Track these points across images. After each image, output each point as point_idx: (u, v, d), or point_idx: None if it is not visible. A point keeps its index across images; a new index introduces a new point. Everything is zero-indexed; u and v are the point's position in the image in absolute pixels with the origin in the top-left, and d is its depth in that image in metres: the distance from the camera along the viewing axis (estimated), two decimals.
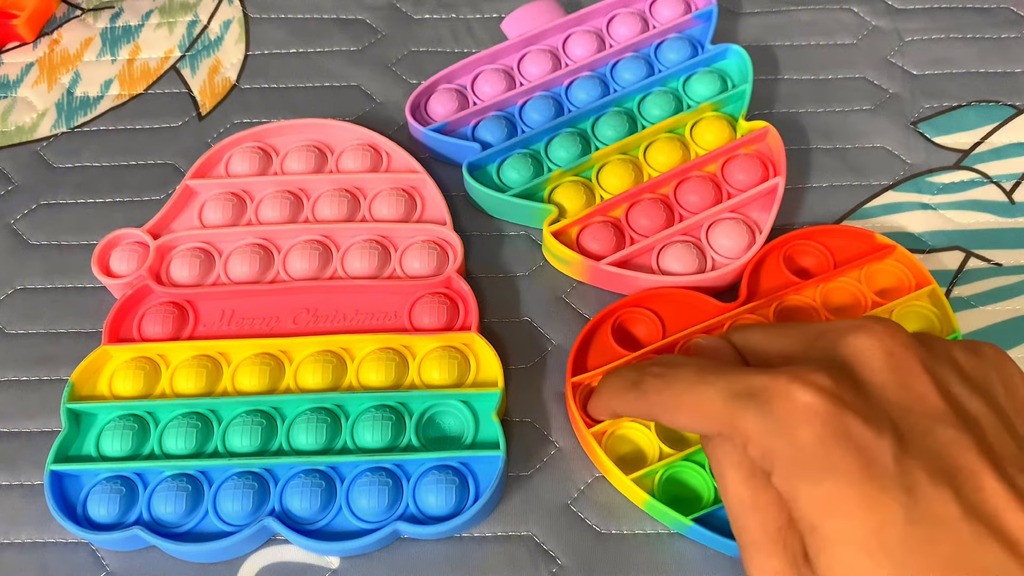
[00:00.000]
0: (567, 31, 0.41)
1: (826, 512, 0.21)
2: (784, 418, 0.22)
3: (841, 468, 0.21)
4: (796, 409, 0.22)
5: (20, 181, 0.39)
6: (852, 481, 0.21)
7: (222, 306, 0.35)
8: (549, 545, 0.31)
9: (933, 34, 0.43)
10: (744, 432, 0.23)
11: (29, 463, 0.32)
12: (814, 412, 0.22)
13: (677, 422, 0.25)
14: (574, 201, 0.36)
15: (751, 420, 0.22)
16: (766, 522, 0.23)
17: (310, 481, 0.30)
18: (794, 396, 0.22)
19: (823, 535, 0.21)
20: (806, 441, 0.21)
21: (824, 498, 0.21)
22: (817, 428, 0.21)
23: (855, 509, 0.21)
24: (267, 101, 0.42)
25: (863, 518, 0.21)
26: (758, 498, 0.24)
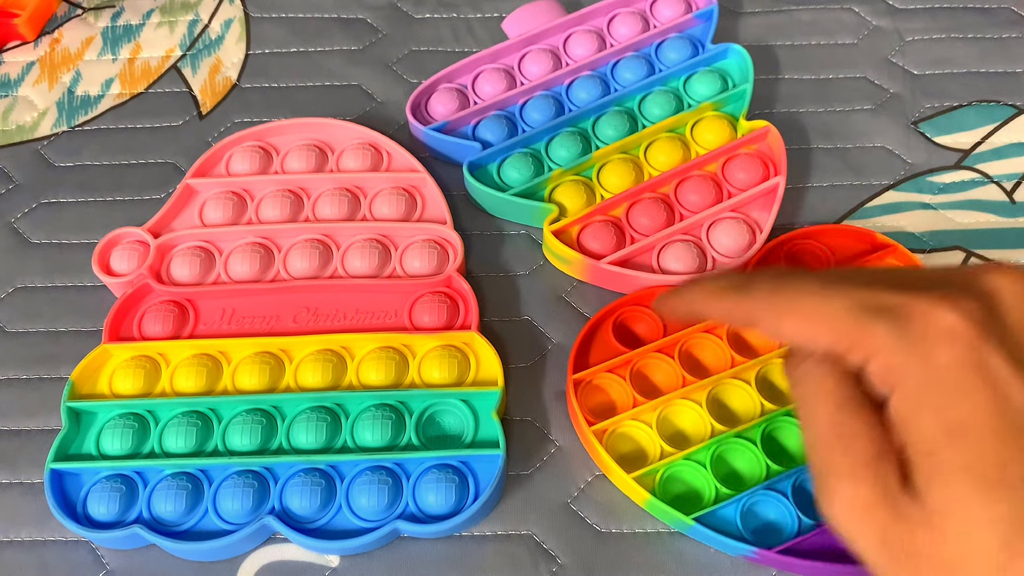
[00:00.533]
0: (568, 31, 0.41)
1: (950, 439, 0.20)
2: (922, 336, 0.21)
3: (974, 396, 0.20)
4: (938, 329, 0.21)
5: (21, 180, 0.39)
6: (982, 412, 0.20)
7: (222, 305, 0.35)
8: (549, 544, 0.31)
9: (934, 34, 0.43)
10: (872, 345, 0.22)
11: (29, 461, 0.32)
12: (957, 336, 0.21)
13: (784, 328, 0.24)
14: (574, 200, 0.36)
15: (883, 333, 0.21)
16: (855, 450, 0.22)
17: (310, 480, 0.30)
18: (937, 316, 0.21)
19: (941, 461, 0.20)
20: (943, 363, 0.21)
21: (950, 424, 0.20)
22: (957, 352, 0.21)
23: (982, 440, 0.20)
24: (268, 100, 0.42)
25: (988, 450, 0.20)
26: (849, 425, 0.22)
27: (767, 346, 0.33)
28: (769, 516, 0.30)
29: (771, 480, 0.30)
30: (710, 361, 0.33)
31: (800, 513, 0.30)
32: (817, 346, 0.23)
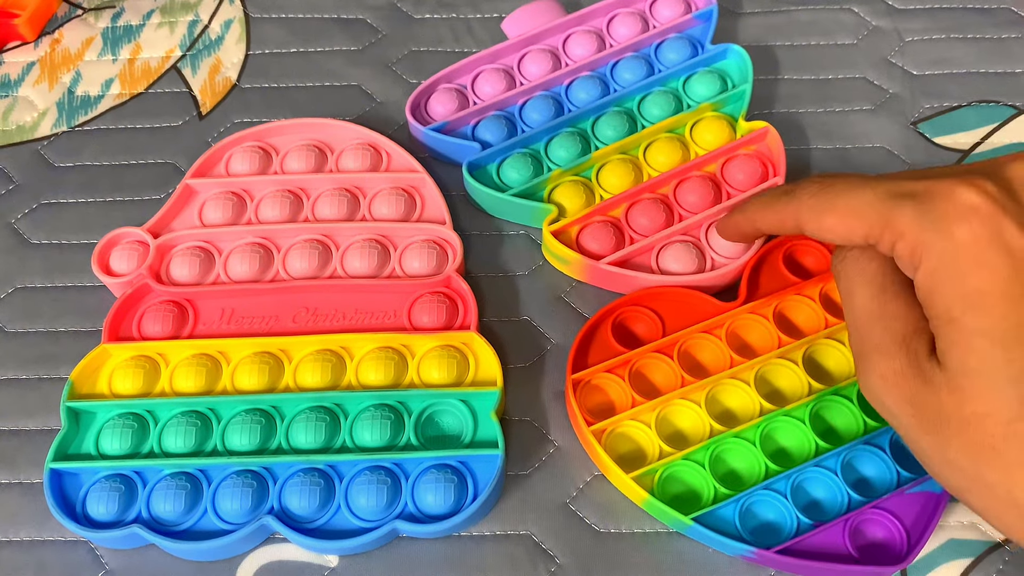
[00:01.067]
0: (567, 31, 0.41)
1: (969, 305, 0.22)
2: (943, 214, 0.22)
3: (991, 266, 0.22)
4: (957, 206, 0.22)
5: (21, 180, 0.39)
6: (999, 280, 0.22)
7: (222, 305, 0.35)
8: (548, 544, 0.31)
9: (933, 34, 0.43)
10: (899, 228, 0.23)
11: (28, 461, 0.33)
12: (975, 211, 0.22)
13: (825, 225, 0.25)
14: (574, 201, 0.36)
15: (908, 215, 0.23)
16: (892, 329, 0.24)
17: (309, 480, 0.30)
18: (957, 194, 0.22)
19: (961, 327, 0.22)
20: (962, 238, 0.22)
21: (969, 293, 0.22)
22: (975, 226, 0.22)
23: (998, 305, 0.21)
24: (267, 100, 0.42)
25: (1004, 314, 0.21)
26: (886, 307, 0.24)
27: (766, 346, 0.33)
28: (768, 516, 0.30)
29: (770, 480, 0.30)
30: (709, 361, 0.33)
31: (799, 513, 0.30)
32: (855, 237, 0.25)
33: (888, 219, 0.23)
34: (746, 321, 0.34)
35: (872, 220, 0.24)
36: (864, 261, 0.25)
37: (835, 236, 0.25)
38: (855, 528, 0.30)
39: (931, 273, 0.23)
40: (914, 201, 0.23)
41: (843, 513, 0.30)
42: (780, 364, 0.33)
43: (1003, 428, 0.21)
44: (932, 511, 0.30)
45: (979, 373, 0.22)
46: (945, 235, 0.22)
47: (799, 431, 0.31)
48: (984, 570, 0.30)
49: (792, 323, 0.34)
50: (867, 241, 0.25)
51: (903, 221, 0.23)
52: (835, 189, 0.25)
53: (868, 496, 0.30)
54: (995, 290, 0.22)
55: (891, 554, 0.29)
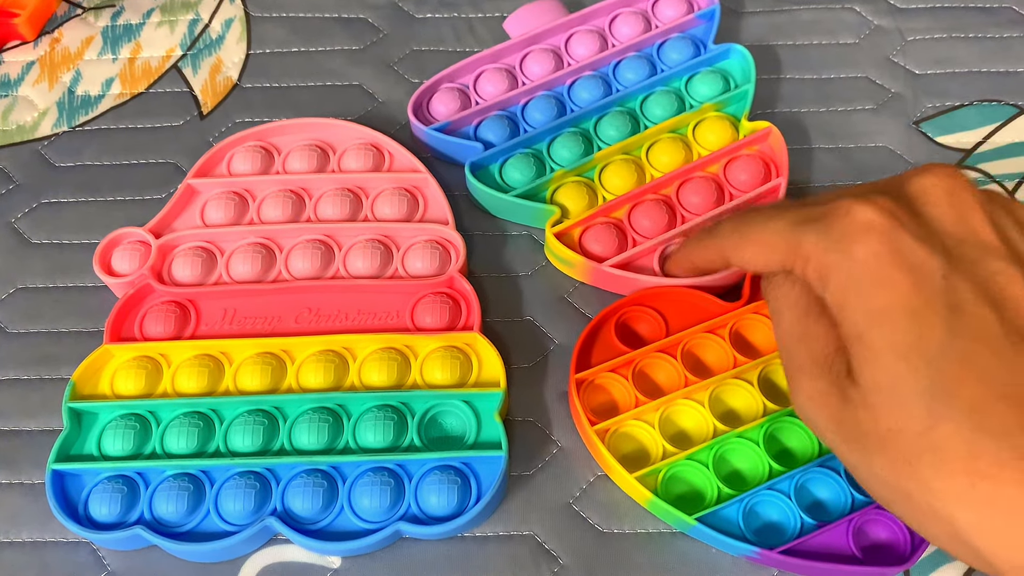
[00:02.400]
0: (569, 30, 0.41)
1: (873, 323, 0.22)
2: (843, 234, 0.23)
3: (891, 282, 0.22)
4: (855, 225, 0.23)
5: (21, 180, 0.39)
6: (900, 294, 0.22)
7: (224, 305, 0.35)
8: (551, 545, 0.31)
9: (935, 33, 0.43)
10: (805, 253, 0.24)
11: (30, 462, 0.32)
12: (871, 228, 0.23)
13: (745, 258, 0.27)
14: (576, 202, 0.36)
15: (811, 239, 0.24)
16: (814, 350, 0.24)
17: (312, 481, 0.30)
18: (854, 213, 0.23)
19: (868, 344, 0.22)
20: (861, 256, 0.23)
21: (873, 309, 0.22)
22: (873, 244, 0.22)
23: (901, 320, 0.22)
24: (269, 100, 0.41)
25: (907, 329, 0.22)
26: (809, 330, 0.25)
27: (769, 346, 0.33)
28: (771, 516, 0.30)
29: (773, 480, 0.30)
30: (712, 361, 0.33)
31: (802, 513, 0.30)
32: (772, 266, 0.26)
33: (795, 245, 0.24)
34: (750, 321, 0.34)
35: (782, 248, 0.25)
36: (787, 286, 0.26)
37: (756, 267, 0.27)
38: (859, 528, 0.30)
39: (838, 293, 0.23)
40: (816, 224, 0.24)
41: (847, 513, 0.30)
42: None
43: (914, 442, 0.21)
44: None
45: (889, 389, 0.22)
46: (846, 255, 0.23)
47: (803, 431, 0.31)
48: None
49: None
50: (783, 268, 0.25)
51: (808, 246, 0.24)
52: (748, 224, 0.27)
53: (871, 497, 0.30)
54: (897, 305, 0.22)
55: (895, 554, 0.29)
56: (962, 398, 0.21)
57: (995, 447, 0.20)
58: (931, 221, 0.23)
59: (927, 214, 0.23)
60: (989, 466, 0.20)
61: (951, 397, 0.21)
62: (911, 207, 0.24)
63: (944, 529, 0.21)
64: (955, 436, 0.21)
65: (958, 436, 0.21)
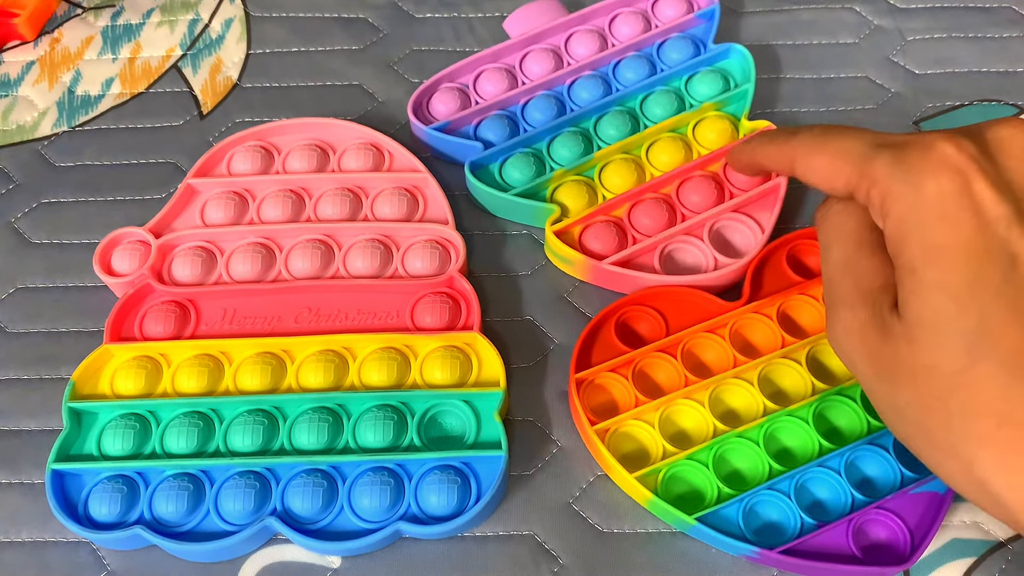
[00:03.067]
0: (569, 30, 0.41)
1: (930, 258, 0.22)
2: (916, 165, 0.23)
3: (955, 221, 0.22)
4: (931, 160, 0.23)
5: (21, 180, 0.39)
6: (962, 234, 0.22)
7: (224, 305, 0.35)
8: (551, 544, 0.31)
9: (935, 33, 0.43)
10: (874, 175, 0.24)
11: (30, 462, 0.32)
12: (947, 163, 0.22)
13: (813, 165, 0.26)
14: (576, 201, 0.36)
15: (884, 163, 0.23)
16: (861, 283, 0.24)
17: (311, 481, 0.30)
18: (934, 148, 0.23)
19: (920, 279, 0.22)
20: (931, 188, 0.22)
21: (932, 245, 0.22)
22: (944, 180, 0.22)
23: (958, 259, 0.22)
24: (269, 100, 0.41)
25: (963, 269, 0.22)
26: (859, 263, 0.25)
27: (768, 346, 0.33)
28: (771, 516, 0.30)
29: (773, 480, 0.30)
30: (712, 361, 0.33)
31: (802, 513, 0.30)
32: (837, 182, 0.25)
33: (867, 165, 0.24)
34: (750, 321, 0.34)
35: (854, 165, 0.24)
36: (844, 216, 0.26)
37: (821, 179, 0.26)
38: (858, 528, 0.30)
39: (899, 223, 0.23)
40: (892, 151, 0.24)
41: (846, 513, 0.30)
42: (783, 364, 0.33)
43: (948, 379, 0.22)
44: (936, 512, 0.30)
45: (932, 325, 0.22)
46: (914, 186, 0.23)
47: (803, 431, 0.31)
48: (987, 570, 0.30)
49: (796, 323, 0.34)
50: (847, 188, 0.25)
51: (879, 169, 0.24)
52: (830, 134, 0.26)
53: (871, 496, 0.30)
54: (956, 245, 0.22)
55: (895, 554, 0.29)
56: (1005, 344, 0.21)
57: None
58: (1006, 171, 0.23)
59: (1004, 164, 0.23)
60: (1019, 410, 0.20)
61: (994, 341, 0.21)
62: (989, 153, 0.23)
63: (961, 468, 0.22)
64: (990, 379, 0.21)
65: (993, 379, 0.21)
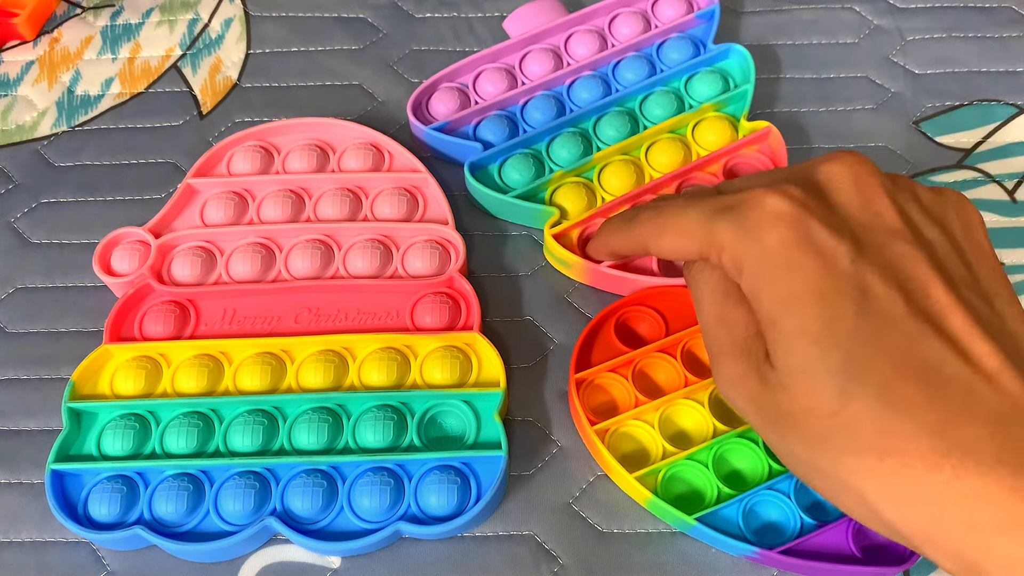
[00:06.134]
0: (569, 30, 0.41)
1: (785, 308, 0.23)
2: (755, 223, 0.24)
3: (801, 268, 0.23)
4: (766, 214, 0.24)
5: (21, 180, 0.39)
6: (810, 280, 0.23)
7: (224, 305, 0.35)
8: (551, 544, 0.31)
9: (935, 33, 0.43)
10: (719, 242, 0.25)
11: (30, 462, 0.32)
12: (781, 216, 0.23)
13: (663, 247, 0.27)
14: (575, 203, 0.36)
15: (725, 229, 0.24)
16: (734, 334, 0.25)
17: (311, 481, 0.30)
18: (765, 203, 0.24)
19: (781, 329, 0.23)
20: (772, 243, 0.23)
21: (784, 296, 0.23)
22: (783, 231, 0.23)
23: (811, 305, 0.23)
24: (268, 100, 0.41)
25: (817, 313, 0.22)
26: (728, 314, 0.26)
27: None
28: (771, 516, 0.30)
29: (773, 480, 0.30)
30: None
31: (802, 513, 0.30)
32: (690, 255, 0.26)
33: (711, 234, 0.25)
34: None
35: (698, 237, 0.25)
36: (708, 271, 0.26)
37: (674, 255, 0.27)
38: (858, 528, 0.30)
39: (751, 280, 0.24)
40: (731, 214, 0.24)
41: None
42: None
43: (827, 421, 0.22)
44: None
45: (801, 371, 0.23)
46: (758, 243, 0.24)
47: None
48: None
49: None
50: (701, 256, 0.26)
51: (723, 235, 0.24)
52: (664, 214, 0.27)
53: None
54: (807, 290, 0.23)
55: (895, 554, 0.29)
56: (872, 377, 0.22)
57: (902, 423, 0.21)
58: (839, 207, 0.24)
59: (835, 201, 0.24)
60: (897, 441, 0.21)
61: (862, 376, 0.22)
62: (819, 194, 0.24)
63: (855, 501, 0.22)
64: (865, 414, 0.22)
65: (868, 414, 0.22)
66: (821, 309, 0.22)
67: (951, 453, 0.20)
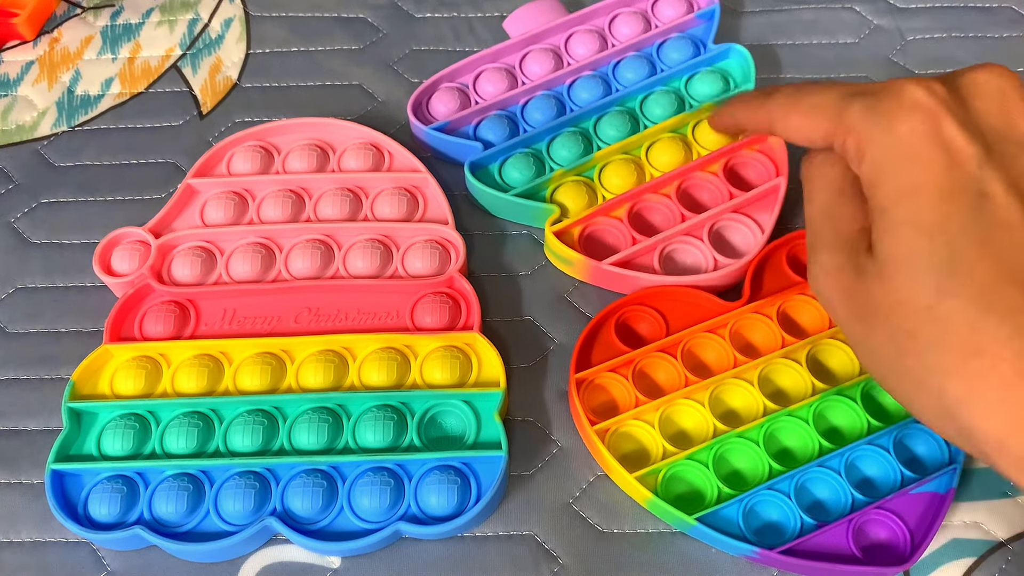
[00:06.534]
0: (569, 30, 0.41)
1: (902, 197, 0.23)
2: (889, 109, 0.23)
3: (927, 161, 0.23)
4: (903, 102, 0.23)
5: (21, 180, 0.39)
6: (933, 174, 0.22)
7: (224, 305, 0.35)
8: (551, 544, 0.31)
9: (935, 33, 0.43)
10: (848, 124, 0.24)
11: (30, 462, 0.32)
12: (918, 107, 0.23)
13: (791, 124, 0.27)
14: (576, 201, 0.36)
15: (857, 111, 0.24)
16: (839, 227, 0.25)
17: (311, 481, 0.30)
18: (905, 92, 0.24)
19: (892, 217, 0.23)
20: (902, 132, 0.23)
21: (903, 185, 0.23)
22: (916, 122, 0.23)
23: (928, 197, 0.22)
24: (268, 100, 0.41)
25: (933, 207, 0.22)
26: (839, 208, 0.26)
27: (768, 346, 0.33)
28: (771, 516, 0.30)
29: (773, 480, 0.30)
30: (712, 361, 0.33)
31: (802, 513, 0.30)
32: (816, 136, 0.26)
33: (842, 116, 0.25)
34: (750, 321, 0.34)
35: (829, 117, 0.25)
36: (827, 166, 0.26)
37: (799, 134, 0.27)
38: (858, 528, 0.30)
39: (873, 166, 0.24)
40: (865, 99, 0.24)
41: (847, 513, 0.30)
42: (784, 364, 0.33)
43: (919, 315, 0.22)
44: (936, 512, 0.30)
45: (904, 262, 0.23)
46: (887, 129, 0.23)
47: (803, 431, 0.31)
48: (986, 570, 0.30)
49: (796, 323, 0.34)
50: (825, 140, 0.26)
51: (853, 117, 0.24)
52: (804, 90, 0.27)
53: (871, 496, 0.30)
54: (928, 184, 0.23)
55: (895, 555, 0.29)
56: (974, 278, 0.21)
57: (996, 325, 0.21)
58: (977, 113, 0.24)
59: (974, 106, 0.24)
60: (989, 342, 0.21)
61: (964, 275, 0.22)
62: (960, 96, 0.24)
63: (933, 403, 0.22)
64: (960, 312, 0.21)
65: (962, 313, 0.21)
66: (937, 203, 0.22)
67: None
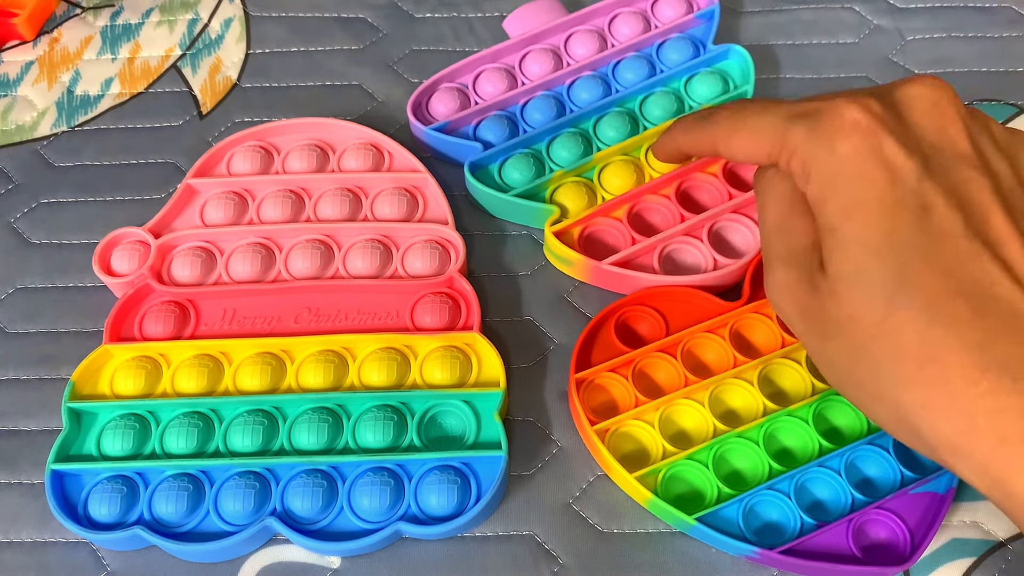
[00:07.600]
0: (569, 30, 0.41)
1: (847, 216, 0.23)
2: (829, 130, 0.24)
3: (869, 178, 0.23)
4: (842, 123, 0.24)
5: (20, 180, 0.39)
6: (875, 190, 0.23)
7: (223, 305, 0.35)
8: (551, 544, 0.31)
9: (935, 33, 0.43)
10: (792, 146, 0.25)
11: (30, 462, 0.32)
12: (856, 126, 0.24)
13: (733, 147, 0.27)
14: (576, 201, 0.36)
15: (800, 133, 0.25)
16: (791, 243, 0.26)
17: (311, 481, 0.30)
18: (843, 112, 0.24)
19: (841, 236, 0.23)
20: (844, 151, 0.24)
21: (848, 203, 0.23)
22: (856, 141, 0.24)
23: (873, 214, 0.23)
24: (268, 100, 0.41)
25: (878, 223, 0.23)
26: (789, 223, 0.26)
27: (769, 346, 0.33)
28: (771, 516, 0.30)
29: (773, 480, 0.30)
30: (712, 361, 0.33)
31: (802, 513, 0.30)
32: (760, 156, 0.27)
33: (784, 138, 0.25)
34: (750, 321, 0.34)
35: (772, 139, 0.26)
36: (777, 180, 0.27)
37: (744, 156, 0.27)
38: (858, 528, 0.30)
39: (818, 186, 0.24)
40: (806, 120, 0.25)
41: (846, 513, 0.30)
42: (784, 364, 0.33)
43: (871, 329, 0.23)
44: (936, 511, 0.30)
45: (854, 278, 0.23)
46: (829, 149, 0.24)
47: (802, 431, 0.31)
48: (986, 570, 0.30)
49: None
50: (770, 160, 0.26)
51: (796, 139, 0.25)
52: (744, 113, 0.27)
53: (871, 496, 0.30)
54: (871, 200, 0.23)
55: (895, 554, 0.29)
56: (921, 290, 0.22)
57: (945, 336, 0.21)
58: (914, 127, 0.24)
59: (911, 120, 0.24)
60: (938, 352, 0.21)
61: (912, 289, 0.22)
62: (897, 112, 0.24)
63: (889, 411, 0.23)
64: (909, 324, 0.22)
65: (912, 325, 0.22)
66: (882, 219, 0.23)
67: (989, 368, 0.21)
